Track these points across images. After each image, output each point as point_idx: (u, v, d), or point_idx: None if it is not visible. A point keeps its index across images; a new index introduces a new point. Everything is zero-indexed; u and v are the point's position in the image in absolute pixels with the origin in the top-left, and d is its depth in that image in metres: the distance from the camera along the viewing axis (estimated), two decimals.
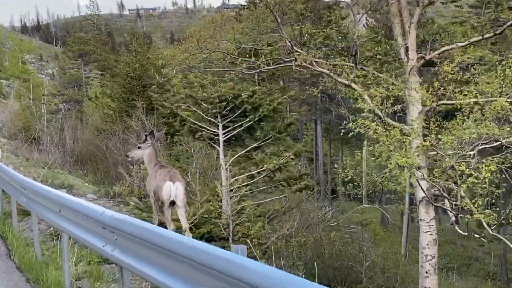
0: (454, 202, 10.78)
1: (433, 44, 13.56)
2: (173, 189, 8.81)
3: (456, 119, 11.93)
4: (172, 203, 9.04)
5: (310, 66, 13.50)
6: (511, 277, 29.32)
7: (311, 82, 28.35)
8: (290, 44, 13.24)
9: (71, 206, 6.70)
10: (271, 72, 14.65)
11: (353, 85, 13.12)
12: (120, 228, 5.19)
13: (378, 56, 14.01)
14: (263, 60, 13.61)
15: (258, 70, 14.14)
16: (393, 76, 13.08)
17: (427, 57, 13.08)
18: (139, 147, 9.49)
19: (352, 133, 12.22)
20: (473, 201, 10.96)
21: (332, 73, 13.32)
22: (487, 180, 10.92)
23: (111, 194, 16.43)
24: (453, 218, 11.69)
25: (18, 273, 8.34)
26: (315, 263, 14.31)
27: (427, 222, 12.72)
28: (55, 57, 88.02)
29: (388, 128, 11.51)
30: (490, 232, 11.11)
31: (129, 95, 30.56)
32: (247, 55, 14.36)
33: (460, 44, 12.62)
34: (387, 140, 10.84)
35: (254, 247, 11.54)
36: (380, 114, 12.50)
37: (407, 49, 12.88)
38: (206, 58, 14.09)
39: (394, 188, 13.55)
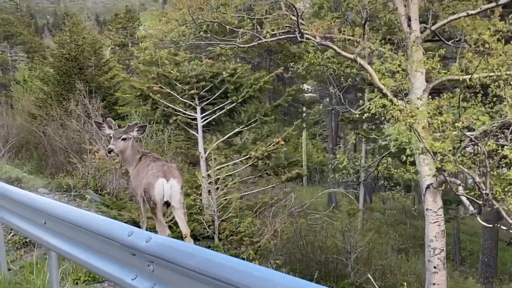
0: (485, 191, 9.52)
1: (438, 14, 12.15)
2: (167, 188, 7.45)
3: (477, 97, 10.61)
4: (167, 204, 7.33)
5: (314, 39, 11.91)
6: (464, 256, 29.14)
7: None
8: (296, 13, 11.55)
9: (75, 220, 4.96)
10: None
11: (359, 60, 11.65)
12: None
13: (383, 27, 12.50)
14: (269, 29, 11.88)
15: (255, 43, 12.40)
16: (395, 50, 11.63)
17: (433, 27, 11.74)
18: (123, 138, 7.66)
19: (367, 114, 10.73)
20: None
21: (336, 47, 11.77)
22: None
23: (64, 187, 14.40)
24: (471, 208, 10.48)
25: None
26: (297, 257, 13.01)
27: (435, 212, 11.52)
28: None
29: (406, 107, 10.10)
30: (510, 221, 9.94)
31: (65, 77, 27.96)
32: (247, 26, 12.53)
33: (470, 12, 11.28)
34: (413, 120, 9.43)
35: (246, 247, 9.96)
36: (388, 92, 11.11)
37: (409, 19, 11.47)
38: (197, 30, 12.19)
39: (402, 175, 12.23)
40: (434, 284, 11.42)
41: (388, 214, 31.32)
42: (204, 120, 11.36)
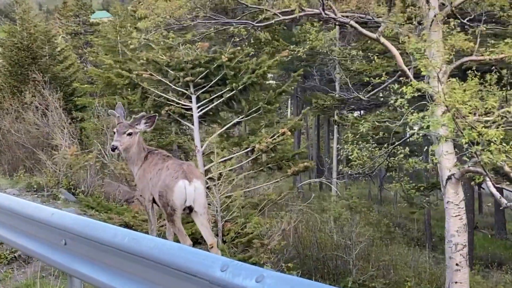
0: None
1: None
2: (190, 191, 6.39)
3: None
4: (189, 210, 6.39)
5: (334, 16, 10.76)
6: (434, 242, 28.74)
7: None
8: None
9: None
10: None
11: (382, 40, 10.60)
12: None
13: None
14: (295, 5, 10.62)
15: (273, 21, 11.14)
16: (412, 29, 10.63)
17: (454, 3, 10.75)
18: (129, 133, 6.39)
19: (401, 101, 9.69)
20: None
21: (357, 25, 10.67)
22: None
23: (34, 186, 12.91)
24: (504, 201, 9.62)
25: None
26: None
27: (457, 205, 10.66)
28: None
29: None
30: None
31: (17, 68, 26.28)
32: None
33: None
34: (460, 105, 8.46)
35: (256, 250, 8.85)
36: (410, 75, 10.11)
37: None
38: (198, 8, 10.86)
39: (412, 166, 11.28)
40: (456, 282, 10.58)
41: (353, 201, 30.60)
42: (201, 110, 10.16)
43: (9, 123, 21.34)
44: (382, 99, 19.91)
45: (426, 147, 10.27)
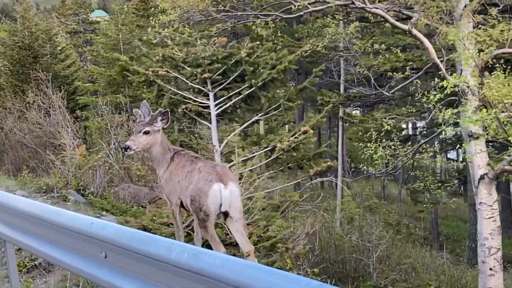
0: None
1: None
2: (226, 195, 5.89)
3: None
4: (224, 215, 6.01)
5: (364, 5, 10.30)
6: (441, 241, 28.40)
7: None
8: None
9: None
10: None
11: (414, 32, 10.14)
12: None
13: None
14: None
15: (302, 12, 10.68)
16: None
17: None
18: (146, 132, 5.86)
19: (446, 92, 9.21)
20: None
21: (388, 16, 10.22)
22: None
23: (43, 188, 12.47)
24: None
25: None
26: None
27: (490, 206, 10.24)
28: None
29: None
30: None
31: (18, 67, 25.95)
32: None
33: None
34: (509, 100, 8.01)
35: (281, 254, 8.43)
36: (443, 68, 9.67)
37: None
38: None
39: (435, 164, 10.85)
40: None
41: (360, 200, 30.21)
42: (218, 108, 9.70)
43: (12, 123, 20.95)
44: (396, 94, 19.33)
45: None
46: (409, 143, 12.06)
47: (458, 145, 9.63)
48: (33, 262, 6.70)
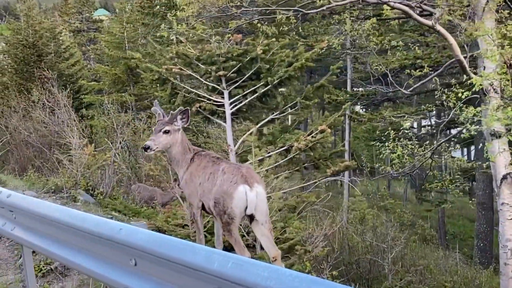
0: None
1: None
2: (252, 197, 5.69)
3: None
4: (249, 218, 5.83)
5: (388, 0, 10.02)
6: (448, 240, 28.16)
7: None
8: None
9: None
10: None
11: (438, 27, 9.86)
12: None
13: None
14: None
15: (325, 7, 10.37)
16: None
17: None
18: (166, 131, 5.63)
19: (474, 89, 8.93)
20: None
21: (412, 11, 9.94)
22: None
23: (52, 188, 12.23)
24: None
25: None
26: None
27: None
28: None
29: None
30: None
31: (22, 66, 25.82)
32: None
33: None
34: None
35: (299, 257, 8.19)
36: (467, 66, 9.39)
37: None
38: None
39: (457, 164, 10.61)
40: None
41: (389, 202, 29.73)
42: (234, 106, 9.45)
43: (17, 122, 20.76)
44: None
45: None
46: (427, 142, 11.78)
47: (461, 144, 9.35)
48: (48, 266, 6.46)
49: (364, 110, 30.35)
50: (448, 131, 27.75)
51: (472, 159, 28.96)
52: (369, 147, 36.96)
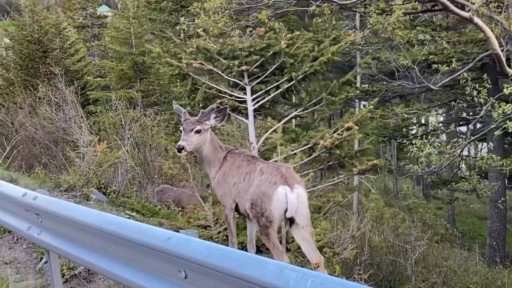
0: None
1: None
2: (293, 199, 5.35)
3: None
4: (289, 222, 5.48)
5: None
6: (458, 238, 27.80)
7: None
8: None
9: None
10: None
11: (476, 20, 9.46)
12: None
13: None
14: None
15: None
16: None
17: None
18: (198, 131, 5.28)
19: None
20: None
21: (449, 3, 9.55)
22: None
23: (64, 186, 11.85)
24: None
25: None
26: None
27: None
28: None
29: None
30: None
31: (28, 62, 25.49)
32: None
33: None
34: None
35: (328, 260, 7.81)
36: (504, 59, 9.01)
37: None
38: None
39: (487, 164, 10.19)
40: None
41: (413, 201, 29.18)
42: (256, 103, 9.05)
43: (23, 118, 20.42)
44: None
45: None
46: (455, 139, 11.44)
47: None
48: (72, 271, 6.08)
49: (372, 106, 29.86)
50: (456, 127, 27.41)
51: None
52: (376, 144, 36.55)
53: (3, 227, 7.70)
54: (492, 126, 9.14)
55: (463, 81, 10.00)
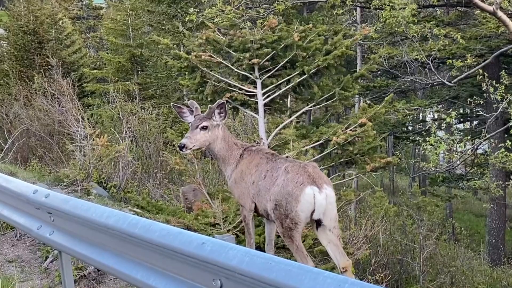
0: None
1: None
2: (320, 200, 5.07)
3: None
4: (316, 224, 5.21)
5: None
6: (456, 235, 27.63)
7: None
8: None
9: None
10: None
11: (500, 14, 9.20)
12: None
13: None
14: None
15: None
16: None
17: None
18: (204, 127, 4.96)
19: None
20: None
21: None
22: None
23: (63, 180, 11.56)
24: None
25: None
26: None
27: None
28: None
29: None
30: None
31: (23, 53, 25.12)
32: None
33: None
34: None
35: None
36: None
37: None
38: None
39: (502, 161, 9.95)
40: None
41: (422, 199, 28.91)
42: (267, 97, 8.76)
43: (18, 109, 20.08)
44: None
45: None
46: (468, 137, 11.21)
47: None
48: (81, 271, 5.78)
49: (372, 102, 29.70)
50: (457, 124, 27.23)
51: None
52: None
53: (5, 223, 7.40)
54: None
55: (479, 77, 9.76)
